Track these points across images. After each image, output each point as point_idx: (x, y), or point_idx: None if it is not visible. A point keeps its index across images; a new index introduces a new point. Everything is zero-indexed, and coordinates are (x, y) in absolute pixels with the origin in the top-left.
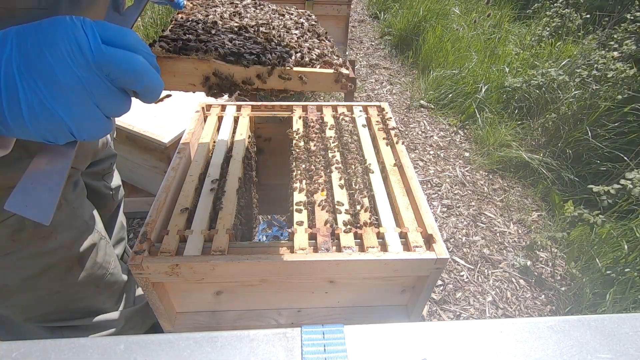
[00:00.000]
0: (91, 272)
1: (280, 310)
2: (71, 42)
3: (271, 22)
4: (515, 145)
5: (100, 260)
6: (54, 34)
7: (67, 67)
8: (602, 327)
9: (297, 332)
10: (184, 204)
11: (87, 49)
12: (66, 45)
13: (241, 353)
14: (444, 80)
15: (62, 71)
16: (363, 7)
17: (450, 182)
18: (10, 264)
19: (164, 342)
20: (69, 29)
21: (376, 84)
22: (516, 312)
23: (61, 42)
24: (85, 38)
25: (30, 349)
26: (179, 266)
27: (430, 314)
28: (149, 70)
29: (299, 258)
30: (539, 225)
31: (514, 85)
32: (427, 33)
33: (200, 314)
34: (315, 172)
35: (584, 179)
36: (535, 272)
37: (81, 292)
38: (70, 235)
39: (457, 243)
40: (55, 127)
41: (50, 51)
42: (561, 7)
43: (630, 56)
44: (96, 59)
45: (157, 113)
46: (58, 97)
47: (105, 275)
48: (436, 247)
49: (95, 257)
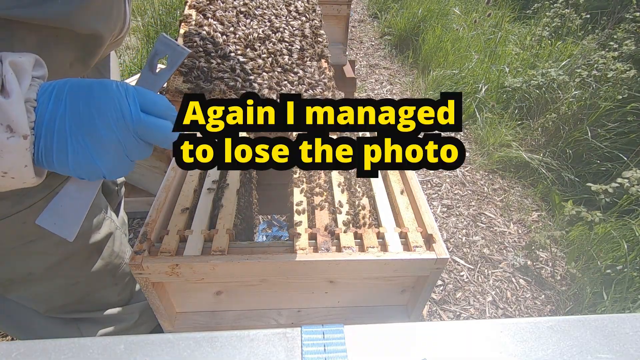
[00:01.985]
0: (109, 260)
1: (280, 310)
2: (116, 111)
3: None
4: (515, 145)
5: (117, 249)
6: (103, 102)
7: (111, 131)
8: (602, 327)
9: (297, 332)
10: (184, 204)
11: (129, 118)
12: (112, 113)
13: (241, 353)
14: (443, 80)
15: (106, 134)
16: (363, 7)
17: (450, 182)
18: (33, 252)
19: (164, 342)
20: (116, 99)
21: (376, 84)
22: (516, 312)
23: (109, 110)
24: (128, 107)
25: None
26: (179, 266)
27: (430, 314)
28: (173, 134)
29: (299, 258)
30: (539, 225)
31: (514, 85)
32: (427, 33)
33: (200, 314)
34: (315, 172)
35: (584, 179)
36: (535, 272)
37: (100, 282)
38: (88, 222)
39: (457, 243)
40: (91, 172)
41: (100, 117)
42: (561, 7)
43: (630, 56)
44: (135, 125)
45: None
46: (99, 152)
47: (121, 264)
48: (436, 247)
49: (112, 246)
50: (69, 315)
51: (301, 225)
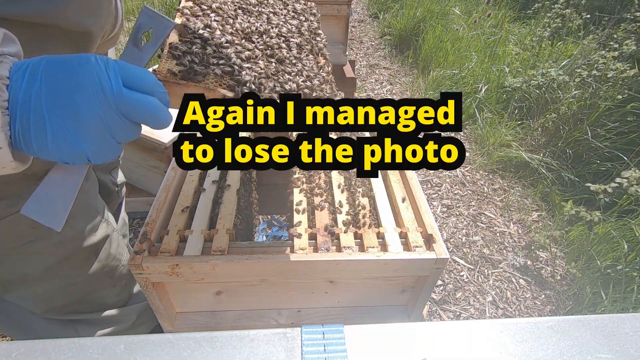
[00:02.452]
0: (106, 263)
1: (280, 310)
2: (96, 85)
3: (270, 28)
4: (515, 145)
5: (113, 251)
6: (81, 76)
7: (91, 108)
8: (602, 327)
9: (297, 332)
10: (184, 203)
11: (109, 93)
12: (91, 87)
13: (241, 353)
14: (443, 80)
15: (86, 111)
16: (363, 7)
17: (450, 182)
18: (33, 252)
19: (164, 342)
20: (94, 72)
21: (376, 84)
22: (516, 312)
23: (87, 85)
24: (109, 82)
25: (30, 349)
26: (179, 266)
27: (430, 314)
28: (161, 112)
29: (299, 258)
30: (539, 225)
31: (514, 85)
32: (427, 33)
33: (200, 314)
34: (315, 172)
35: (584, 179)
36: (535, 272)
37: (97, 284)
38: (85, 225)
39: (457, 243)
40: (74, 154)
41: (79, 93)
42: (561, 8)
43: (631, 56)
44: (117, 101)
45: None
46: (80, 133)
47: (118, 267)
48: (436, 247)
49: (109, 249)
50: (67, 316)
51: (301, 225)
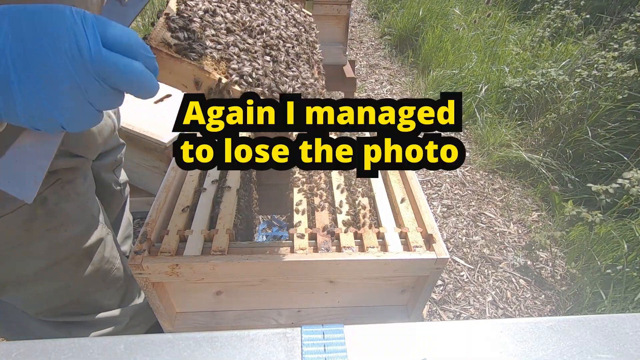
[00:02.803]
0: (99, 266)
1: (280, 310)
2: (71, 42)
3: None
4: (515, 145)
5: (107, 255)
6: (53, 30)
7: (65, 71)
8: (602, 327)
9: (297, 332)
10: (184, 203)
11: (86, 53)
12: (65, 44)
13: (241, 353)
14: (443, 80)
15: (59, 73)
16: (363, 7)
17: (450, 182)
18: (25, 254)
19: (164, 342)
20: (69, 28)
21: (376, 84)
22: (516, 312)
23: (61, 41)
24: (86, 40)
25: (30, 349)
26: (179, 266)
27: (430, 314)
28: (145, 79)
29: (299, 258)
30: (539, 225)
31: (514, 85)
32: (427, 33)
33: (200, 314)
34: (315, 172)
35: (584, 179)
36: (535, 272)
37: (90, 287)
38: (80, 228)
39: (457, 243)
40: (46, 121)
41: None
42: (561, 8)
43: (631, 56)
44: (95, 63)
45: (157, 113)
46: (52, 98)
47: (111, 270)
48: (436, 247)
49: (102, 252)
50: (60, 318)
51: (301, 225)
